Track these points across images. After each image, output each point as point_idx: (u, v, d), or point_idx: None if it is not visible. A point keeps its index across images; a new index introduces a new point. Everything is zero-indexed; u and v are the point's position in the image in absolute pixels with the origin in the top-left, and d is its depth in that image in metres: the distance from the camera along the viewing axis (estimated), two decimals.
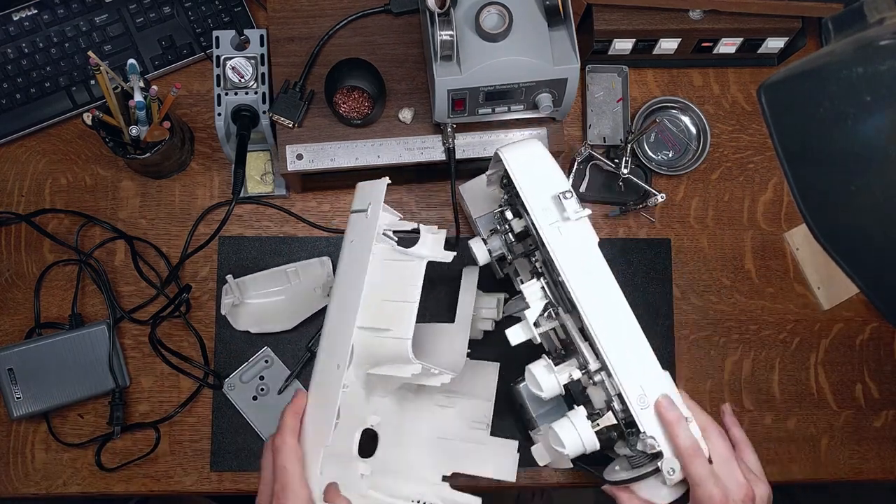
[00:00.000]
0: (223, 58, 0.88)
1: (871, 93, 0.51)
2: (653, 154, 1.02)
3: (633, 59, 1.02)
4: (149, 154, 0.88)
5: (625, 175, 0.97)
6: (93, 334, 0.92)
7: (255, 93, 0.88)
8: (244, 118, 0.88)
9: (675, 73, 1.04)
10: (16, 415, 0.90)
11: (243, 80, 0.88)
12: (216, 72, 0.88)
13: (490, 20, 0.78)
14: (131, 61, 0.86)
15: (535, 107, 0.84)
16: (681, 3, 0.95)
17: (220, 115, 0.88)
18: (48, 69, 0.97)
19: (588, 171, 1.01)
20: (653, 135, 1.03)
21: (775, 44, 1.00)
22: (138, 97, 0.86)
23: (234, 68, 0.88)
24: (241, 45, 0.90)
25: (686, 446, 0.67)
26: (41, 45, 0.97)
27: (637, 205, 0.99)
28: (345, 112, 0.85)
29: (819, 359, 1.01)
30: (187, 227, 0.98)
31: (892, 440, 1.00)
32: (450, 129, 0.87)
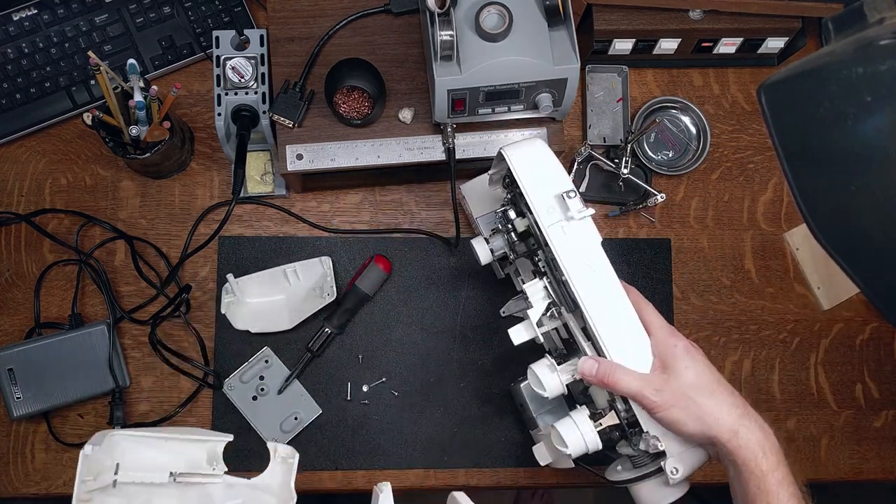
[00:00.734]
0: (223, 58, 0.88)
1: (872, 93, 0.51)
2: (653, 154, 1.02)
3: (633, 59, 1.02)
4: (149, 154, 0.88)
5: (625, 175, 0.97)
6: (93, 334, 0.92)
7: (255, 93, 0.88)
8: (244, 118, 0.88)
9: (675, 73, 1.04)
10: (16, 415, 0.90)
11: (243, 80, 0.88)
12: (216, 72, 0.88)
13: (490, 20, 0.78)
14: (131, 61, 0.86)
15: (535, 107, 0.84)
16: (681, 3, 0.95)
17: (220, 115, 0.88)
18: (48, 69, 0.97)
19: (588, 171, 1.01)
20: (653, 135, 1.03)
21: (775, 44, 1.00)
22: (138, 97, 0.86)
23: (234, 68, 0.88)
24: (241, 45, 0.90)
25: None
26: (41, 45, 0.97)
27: (637, 205, 0.99)
28: (345, 112, 0.85)
29: (819, 359, 1.01)
30: (187, 227, 0.98)
31: (892, 440, 1.00)
32: (450, 129, 0.87)
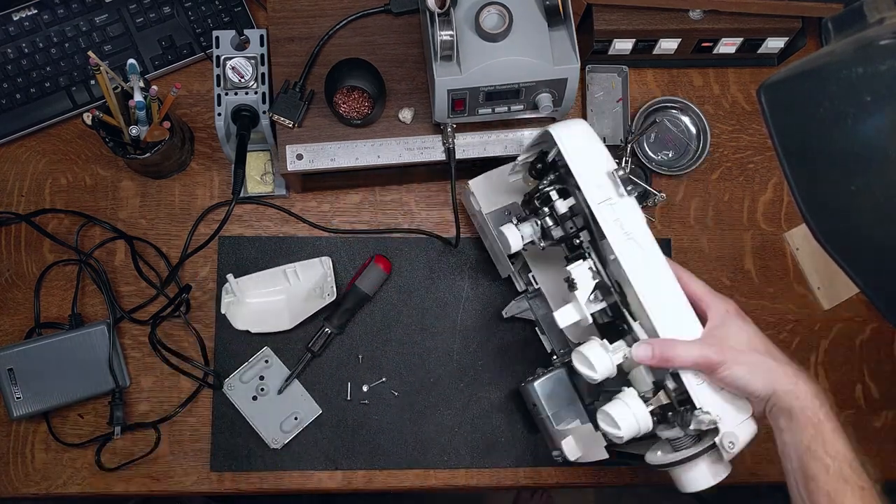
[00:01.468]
0: (223, 58, 0.88)
1: (871, 93, 0.51)
2: (653, 154, 1.02)
3: (633, 59, 1.02)
4: (149, 154, 0.88)
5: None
6: (93, 334, 0.92)
7: (255, 93, 0.88)
8: (244, 118, 0.88)
9: (675, 73, 1.04)
10: (16, 415, 0.90)
11: (243, 80, 0.88)
12: (216, 72, 0.88)
13: (490, 20, 0.78)
14: (131, 61, 0.86)
15: (535, 107, 0.84)
16: (681, 3, 0.95)
17: (220, 115, 0.88)
18: (48, 69, 0.97)
19: None
20: (653, 135, 1.03)
21: (775, 44, 1.00)
22: (138, 97, 0.86)
23: (234, 68, 0.88)
24: (241, 45, 0.90)
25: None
26: (41, 45, 0.97)
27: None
28: (345, 112, 0.85)
29: (819, 359, 1.01)
30: (187, 227, 0.98)
31: (893, 440, 1.00)
32: (450, 129, 0.87)
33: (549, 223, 0.77)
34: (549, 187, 0.77)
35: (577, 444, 0.83)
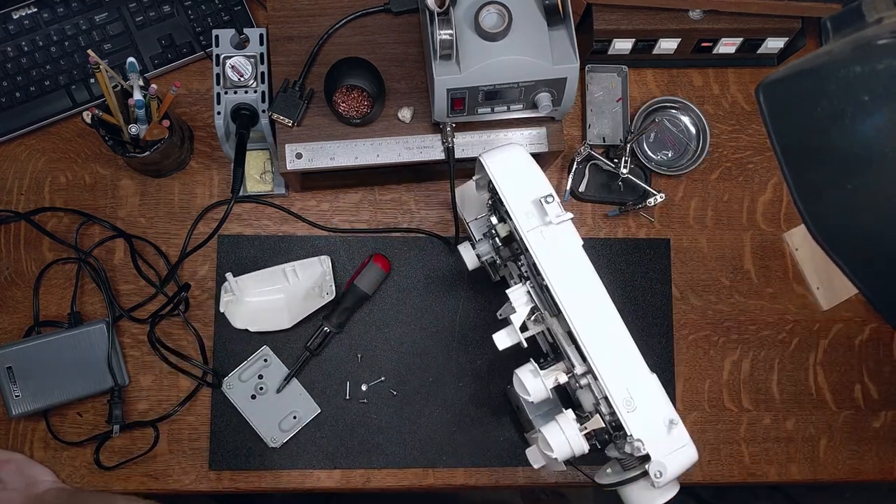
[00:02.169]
0: (223, 56, 0.88)
1: (869, 92, 0.51)
2: (652, 154, 1.02)
3: (632, 59, 1.02)
4: (148, 153, 0.88)
5: (624, 175, 0.97)
6: (92, 333, 0.92)
7: (255, 91, 0.88)
8: (244, 117, 0.88)
9: (674, 73, 1.04)
10: (15, 413, 0.90)
11: (243, 79, 0.88)
12: (216, 70, 0.88)
13: (489, 20, 0.78)
14: (131, 60, 0.86)
15: (534, 106, 0.84)
16: (681, 3, 0.94)
17: (219, 113, 0.88)
18: (48, 67, 0.97)
19: (587, 171, 1.01)
20: (652, 135, 1.03)
21: (775, 44, 1.00)
22: (138, 96, 0.86)
23: (233, 67, 0.88)
24: (241, 44, 0.90)
25: None
26: (41, 43, 0.97)
27: (636, 205, 0.99)
28: (344, 111, 0.85)
29: (818, 359, 1.01)
30: (186, 226, 0.98)
31: (892, 440, 1.00)
32: (449, 128, 0.87)
33: (499, 243, 0.79)
34: (490, 211, 0.79)
35: (539, 453, 0.81)
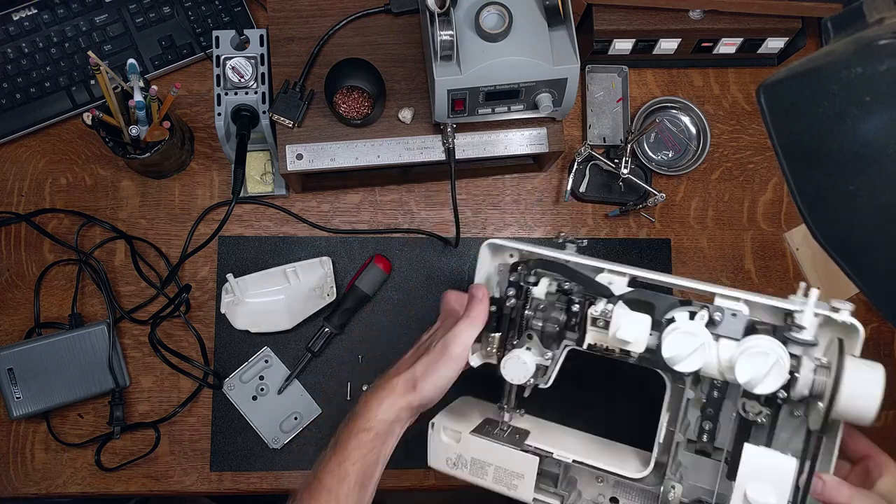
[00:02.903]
0: (223, 58, 0.88)
1: (871, 92, 0.51)
2: (653, 154, 1.02)
3: (633, 59, 1.02)
4: (149, 154, 0.88)
5: (625, 175, 0.97)
6: (92, 334, 0.92)
7: (255, 93, 0.88)
8: (244, 118, 0.88)
9: (675, 73, 1.04)
10: (16, 415, 0.90)
11: (243, 80, 0.88)
12: (216, 72, 0.88)
13: (490, 20, 0.78)
14: (131, 61, 0.86)
15: (535, 107, 0.84)
16: (681, 3, 0.94)
17: (219, 114, 0.88)
18: (48, 69, 0.97)
19: (588, 171, 1.01)
20: (653, 135, 1.03)
21: (775, 44, 1.00)
22: (138, 97, 0.86)
23: (234, 68, 0.88)
24: (241, 45, 0.90)
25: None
26: (41, 44, 0.97)
27: (637, 205, 0.99)
28: (345, 112, 0.85)
29: None
30: (187, 227, 0.98)
31: (892, 440, 1.00)
32: (450, 129, 0.87)
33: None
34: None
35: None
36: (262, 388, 0.94)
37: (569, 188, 0.99)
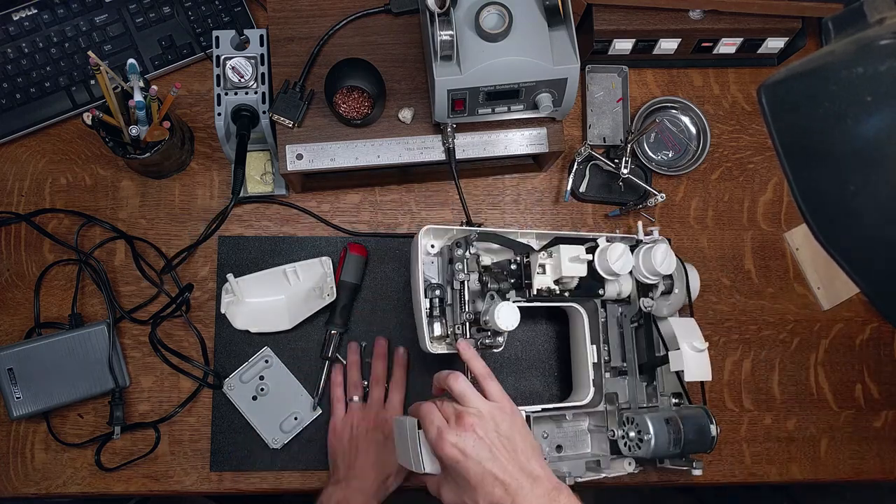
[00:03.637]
0: (223, 58, 0.88)
1: (872, 93, 0.51)
2: (653, 154, 1.02)
3: (633, 59, 1.02)
4: (149, 154, 0.88)
5: (625, 175, 0.97)
6: (93, 334, 0.92)
7: (255, 93, 0.88)
8: (244, 118, 0.88)
9: (675, 73, 1.04)
10: (15, 415, 0.90)
11: (243, 80, 0.88)
12: (216, 72, 0.88)
13: (490, 20, 0.78)
14: (131, 61, 0.86)
15: (535, 107, 0.84)
16: (681, 3, 0.95)
17: (219, 114, 0.88)
18: (48, 69, 0.97)
19: (588, 171, 1.01)
20: (653, 135, 1.03)
21: (775, 44, 1.00)
22: (138, 97, 0.86)
23: (234, 68, 0.88)
24: (241, 45, 0.90)
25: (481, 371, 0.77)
26: (41, 44, 0.97)
27: (637, 205, 0.99)
28: (345, 112, 0.85)
29: (819, 359, 1.01)
30: (187, 227, 0.98)
31: (892, 440, 1.00)
32: (450, 129, 0.87)
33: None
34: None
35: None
36: (262, 388, 0.94)
37: (569, 188, 0.99)
